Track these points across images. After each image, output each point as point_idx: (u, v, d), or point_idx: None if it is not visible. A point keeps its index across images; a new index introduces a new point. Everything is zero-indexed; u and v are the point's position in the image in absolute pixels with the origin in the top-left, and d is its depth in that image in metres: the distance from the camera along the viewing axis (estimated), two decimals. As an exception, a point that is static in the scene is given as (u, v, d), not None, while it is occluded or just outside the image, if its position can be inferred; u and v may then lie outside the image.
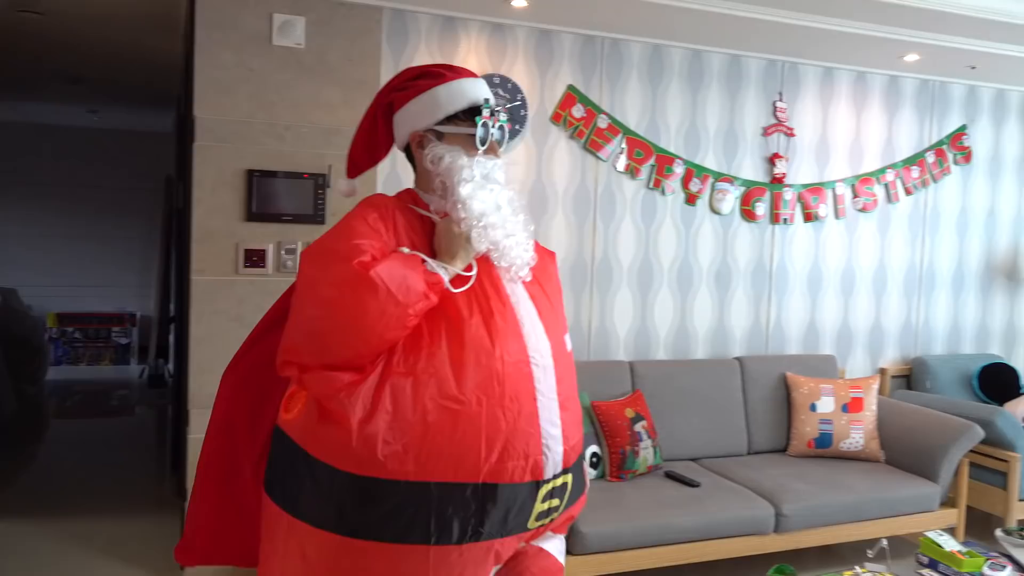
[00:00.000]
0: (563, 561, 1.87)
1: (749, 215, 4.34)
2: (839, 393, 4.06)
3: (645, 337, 4.18)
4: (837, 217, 4.56)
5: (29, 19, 4.17)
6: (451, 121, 1.75)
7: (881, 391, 4.63)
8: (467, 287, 1.66)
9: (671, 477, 3.63)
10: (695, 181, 4.20)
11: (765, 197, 4.36)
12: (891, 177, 4.66)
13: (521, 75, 3.85)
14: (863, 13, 3.63)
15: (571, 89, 3.94)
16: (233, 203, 3.35)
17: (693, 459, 3.96)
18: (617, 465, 3.56)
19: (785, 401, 4.16)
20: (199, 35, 3.32)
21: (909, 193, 4.73)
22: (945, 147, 4.80)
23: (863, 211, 4.62)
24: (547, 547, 1.81)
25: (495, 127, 1.75)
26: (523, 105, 3.84)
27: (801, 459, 4.00)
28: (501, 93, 3.79)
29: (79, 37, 4.56)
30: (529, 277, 1.77)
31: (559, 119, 3.93)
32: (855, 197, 4.59)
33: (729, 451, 4.05)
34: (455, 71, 1.80)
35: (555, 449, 1.66)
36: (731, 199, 4.29)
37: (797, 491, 3.56)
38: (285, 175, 3.38)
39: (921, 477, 3.83)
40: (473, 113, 1.75)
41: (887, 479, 3.80)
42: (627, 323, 4.14)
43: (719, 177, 4.25)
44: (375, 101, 1.86)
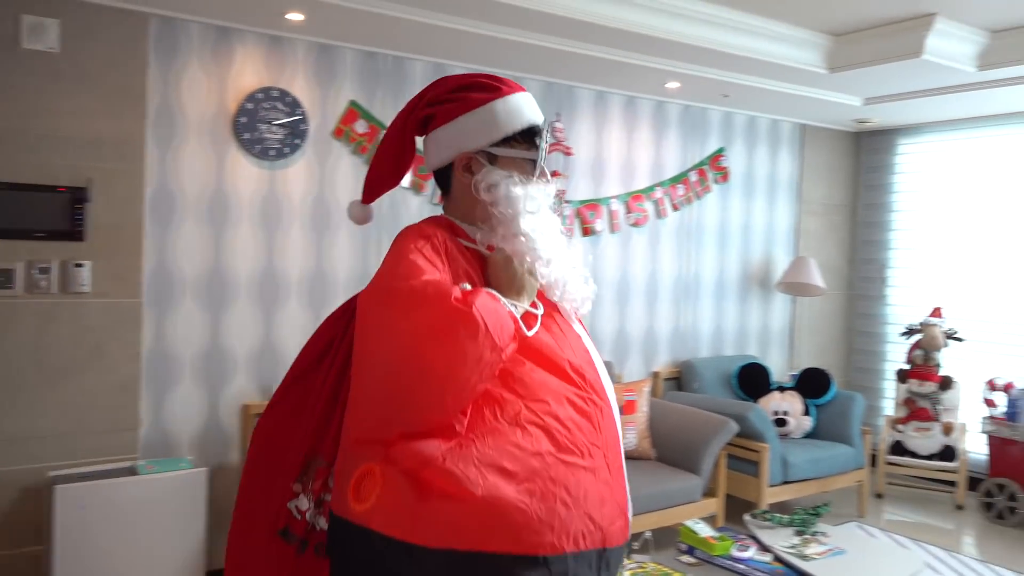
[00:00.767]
0: None
1: (531, 230, 4.53)
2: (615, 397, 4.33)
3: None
4: (612, 231, 4.87)
5: None
6: (506, 142, 1.54)
7: (654, 393, 4.99)
8: (537, 328, 1.45)
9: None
10: (479, 197, 4.33)
11: (546, 213, 4.58)
12: (660, 194, 5.05)
13: (301, 89, 3.81)
14: (630, 43, 3.91)
15: (353, 104, 3.94)
16: (-25, 219, 3.06)
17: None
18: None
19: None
20: (-69, 34, 3.01)
21: (676, 209, 5.14)
22: (706, 167, 5.26)
23: (636, 226, 4.96)
24: None
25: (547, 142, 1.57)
26: (303, 120, 3.79)
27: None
28: (280, 107, 3.73)
29: None
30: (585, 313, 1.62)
31: (341, 134, 3.92)
32: (628, 213, 4.92)
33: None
34: (509, 84, 1.56)
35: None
36: (514, 214, 4.46)
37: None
38: (36, 188, 3.14)
39: (686, 471, 4.17)
40: (527, 134, 1.55)
41: (657, 475, 4.10)
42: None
43: (502, 193, 4.41)
44: (406, 114, 1.59)
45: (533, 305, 1.50)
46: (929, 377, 5.20)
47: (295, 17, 3.47)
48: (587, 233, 4.75)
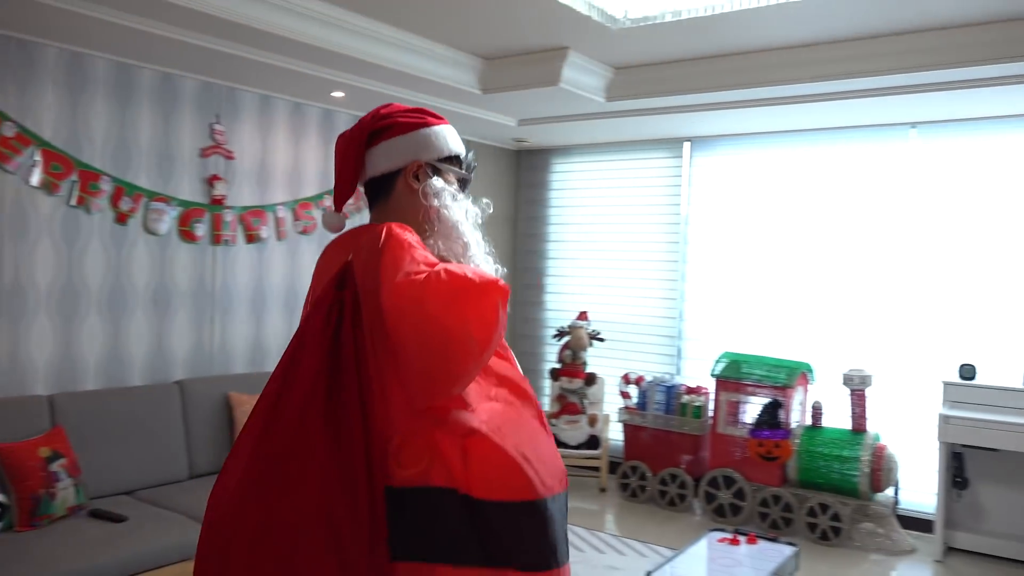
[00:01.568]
0: None
1: (188, 236, 4.29)
2: (279, 408, 4.24)
3: (71, 366, 3.85)
4: (279, 239, 4.78)
5: None
6: (446, 160, 1.76)
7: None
8: None
9: (96, 516, 3.40)
10: (126, 200, 4.01)
11: (205, 218, 4.37)
12: (328, 202, 5.05)
13: None
14: (291, 50, 3.87)
15: (-32, 92, 3.46)
16: None
17: (128, 492, 3.77)
18: (29, 512, 3.21)
19: (228, 421, 4.20)
20: None
21: (347, 217, 5.16)
22: (376, 177, 5.36)
23: (304, 233, 4.91)
24: None
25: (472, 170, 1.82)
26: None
27: (244, 476, 4.08)
28: None
29: None
30: None
31: (-51, 124, 3.43)
32: (296, 220, 4.86)
33: (169, 478, 3.95)
34: (438, 115, 1.81)
35: None
36: (168, 219, 4.20)
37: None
38: None
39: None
40: (458, 159, 1.79)
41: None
42: (46, 353, 3.77)
43: (153, 196, 4.13)
44: (360, 126, 1.74)
45: None
46: (577, 374, 5.76)
47: None
48: (251, 240, 4.61)
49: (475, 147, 6.15)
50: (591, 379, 5.77)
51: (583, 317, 5.90)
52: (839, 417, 4.92)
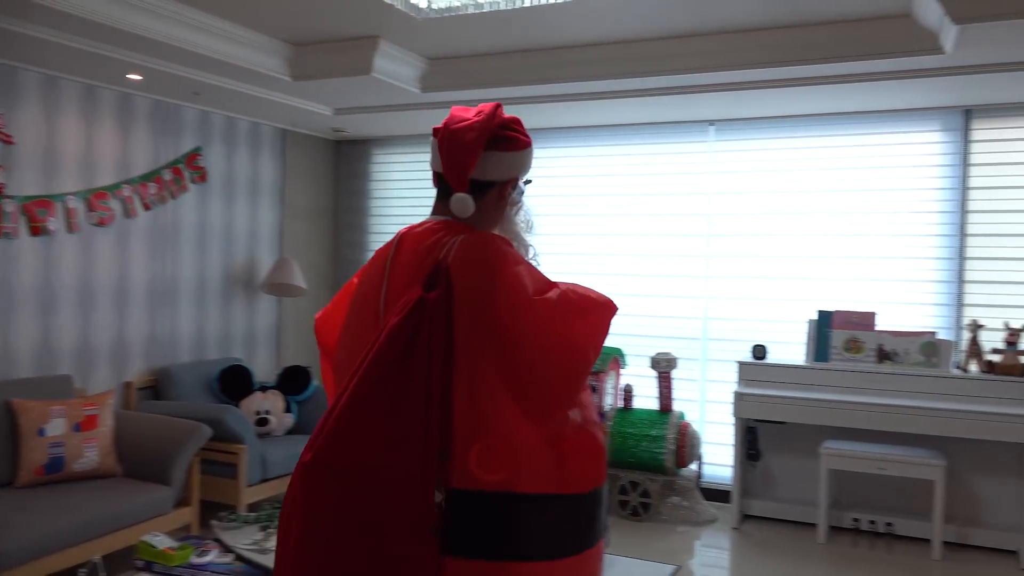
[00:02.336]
0: None
1: (-41, 228, 3.90)
2: (72, 413, 3.95)
3: None
4: (70, 231, 4.42)
5: None
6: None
7: (128, 404, 4.68)
8: None
9: None
10: None
11: (-21, 209, 3.98)
12: (128, 192, 4.73)
13: None
14: (79, 28, 3.58)
15: None
16: None
17: None
18: None
19: (11, 429, 3.85)
20: None
21: (148, 208, 4.87)
22: (181, 166, 5.08)
23: (100, 225, 4.58)
24: None
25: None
26: None
27: (31, 489, 3.77)
28: None
29: None
30: None
31: None
32: (90, 211, 4.52)
33: (-61, 495, 3.57)
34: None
35: None
36: (-66, 210, 3.79)
37: (16, 525, 3.33)
38: None
39: (157, 483, 3.98)
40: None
41: (122, 491, 3.83)
42: None
43: (-86, 184, 3.71)
44: (486, 126, 1.74)
45: None
46: (399, 366, 5.73)
47: None
48: (37, 233, 4.24)
49: (291, 136, 5.97)
50: (414, 371, 5.76)
51: (405, 309, 5.86)
52: (648, 399, 5.20)
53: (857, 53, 3.81)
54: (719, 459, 5.26)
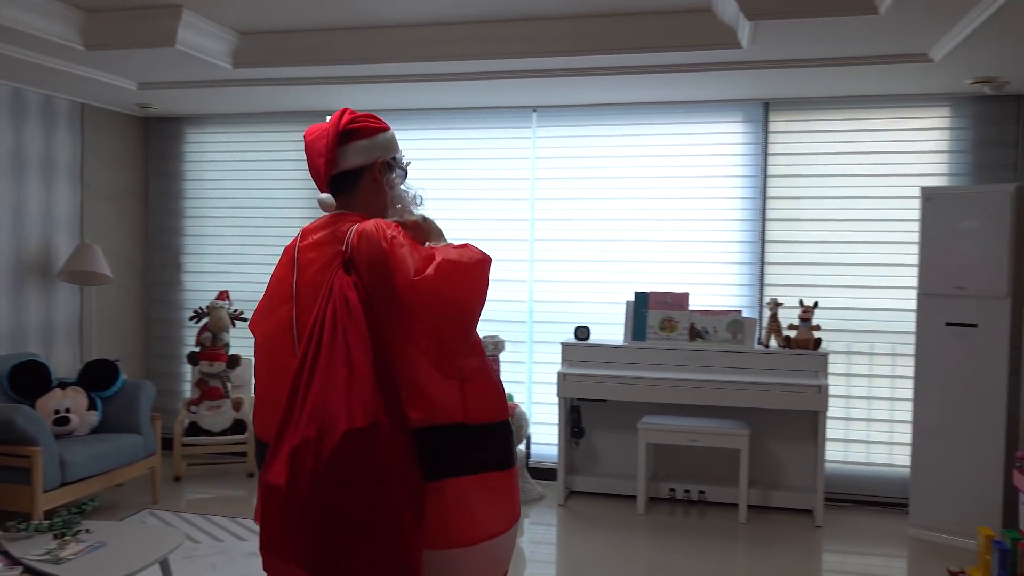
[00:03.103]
0: None
1: None
2: None
3: None
4: None
5: None
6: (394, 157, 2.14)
7: None
8: None
9: None
10: None
11: None
12: None
13: None
14: None
15: None
16: None
17: None
18: None
19: None
20: None
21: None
22: (-41, 142, 4.57)
23: None
24: None
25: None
26: None
27: None
28: None
29: None
30: None
31: None
32: None
33: None
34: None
35: None
36: None
37: None
38: None
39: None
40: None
41: None
42: None
43: None
44: (334, 130, 2.04)
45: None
46: (218, 357, 5.46)
47: None
48: None
49: (90, 112, 5.51)
50: (234, 361, 5.51)
51: (223, 297, 5.60)
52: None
53: (664, 44, 3.98)
54: (546, 438, 5.39)
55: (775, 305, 4.88)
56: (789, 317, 4.89)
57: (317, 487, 1.76)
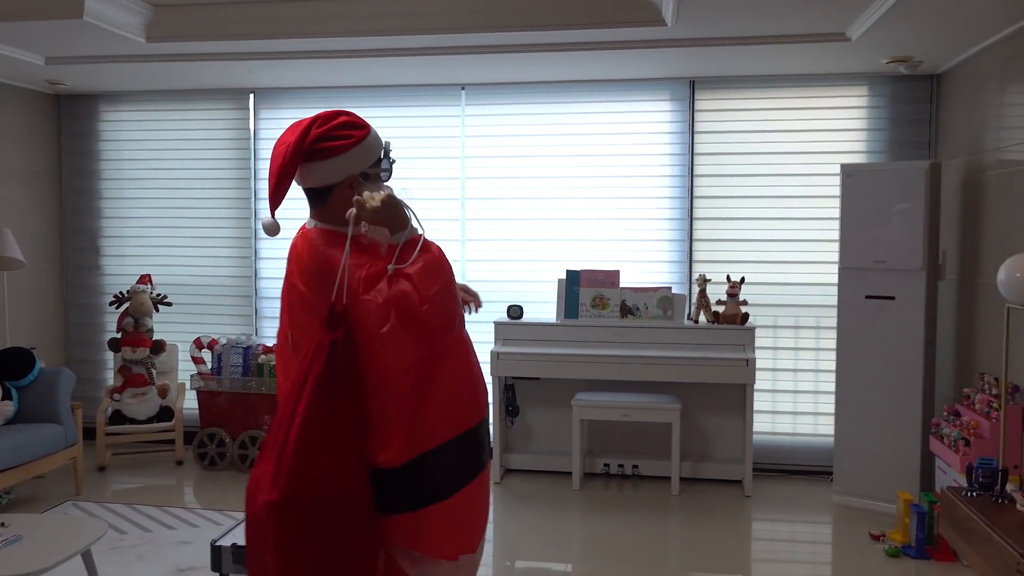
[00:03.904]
0: None
1: None
2: None
3: None
4: None
5: None
6: (372, 165, 2.09)
7: None
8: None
9: None
10: None
11: None
12: None
13: None
14: None
15: None
16: None
17: None
18: None
19: None
20: None
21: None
22: None
23: None
24: None
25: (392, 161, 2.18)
26: None
27: None
28: None
29: None
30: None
31: None
32: None
33: None
34: (362, 121, 2.06)
35: None
36: None
37: None
38: None
39: None
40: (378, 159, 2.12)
41: None
42: None
43: None
44: (296, 147, 1.93)
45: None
46: (141, 343, 5.29)
47: None
48: None
49: (-2, 88, 5.25)
50: (159, 347, 5.35)
51: (145, 280, 5.42)
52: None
53: (590, 21, 3.97)
54: (480, 418, 5.38)
55: (704, 281, 4.96)
56: (717, 293, 4.98)
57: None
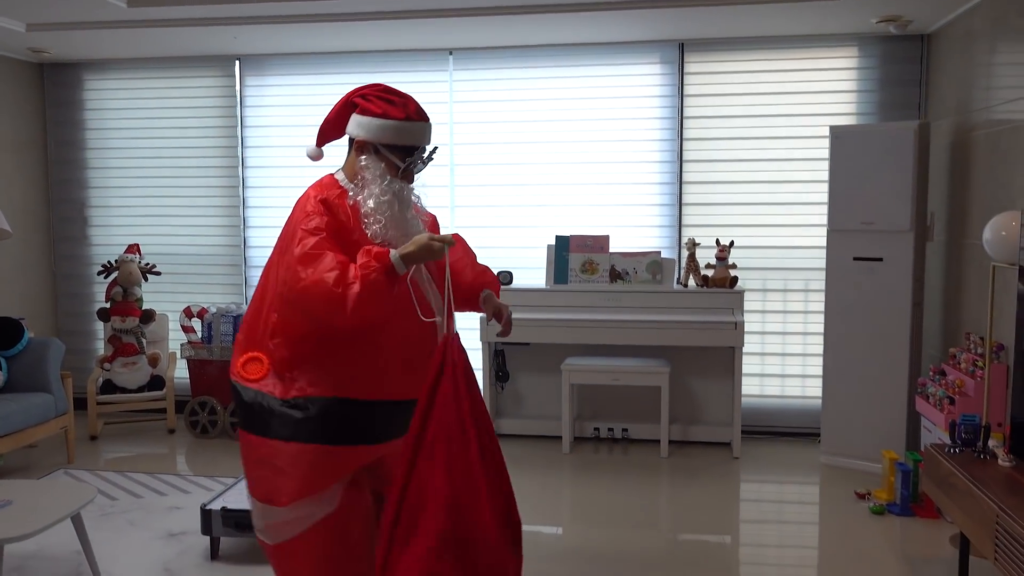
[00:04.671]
0: None
1: None
2: None
3: None
4: None
5: None
6: (389, 147, 2.30)
7: None
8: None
9: None
10: None
11: None
12: None
13: None
14: None
15: None
16: None
17: None
18: None
19: None
20: None
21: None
22: None
23: None
24: None
25: (420, 164, 2.38)
26: None
27: None
28: None
29: None
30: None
31: None
32: None
33: None
34: (414, 110, 2.33)
35: None
36: None
37: None
38: None
39: None
40: (405, 149, 2.32)
41: None
42: None
43: None
44: (346, 96, 2.38)
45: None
46: (130, 312, 5.29)
47: None
48: None
49: (-20, 56, 5.18)
50: (148, 316, 5.35)
51: (133, 250, 5.40)
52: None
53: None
54: (471, 384, 5.40)
55: (693, 245, 4.97)
56: (707, 257, 4.99)
57: None
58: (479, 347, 5.06)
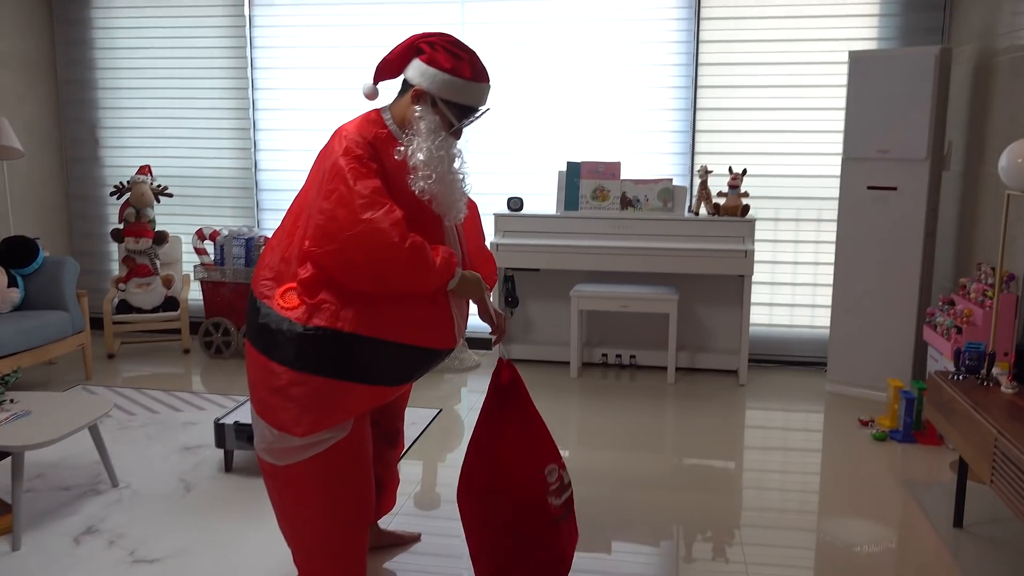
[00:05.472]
0: None
1: None
2: None
3: None
4: None
5: None
6: (448, 103, 2.27)
7: None
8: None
9: None
10: None
11: None
12: None
13: None
14: None
15: None
16: None
17: None
18: None
19: None
20: None
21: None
22: None
23: None
24: None
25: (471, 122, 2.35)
26: None
27: None
28: None
29: None
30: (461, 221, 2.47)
31: None
32: None
33: None
34: (481, 70, 2.30)
35: None
36: None
37: None
38: None
39: None
40: (465, 108, 2.31)
41: None
42: None
43: None
44: (412, 39, 2.28)
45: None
46: (143, 233, 5.32)
47: None
48: None
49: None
50: (161, 238, 5.39)
51: (145, 171, 5.41)
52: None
53: None
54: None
55: (705, 172, 4.92)
56: (719, 185, 4.94)
57: None
58: (489, 272, 5.07)
